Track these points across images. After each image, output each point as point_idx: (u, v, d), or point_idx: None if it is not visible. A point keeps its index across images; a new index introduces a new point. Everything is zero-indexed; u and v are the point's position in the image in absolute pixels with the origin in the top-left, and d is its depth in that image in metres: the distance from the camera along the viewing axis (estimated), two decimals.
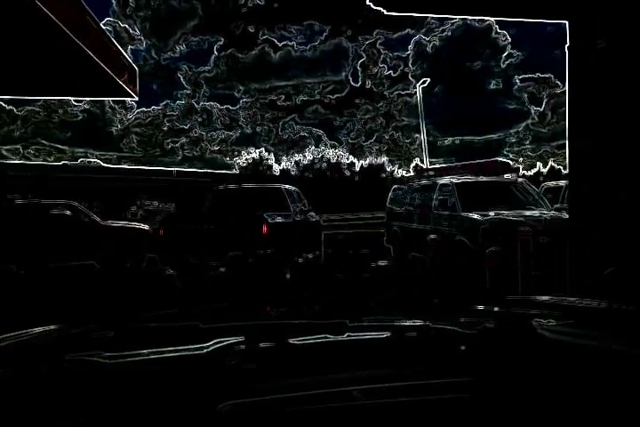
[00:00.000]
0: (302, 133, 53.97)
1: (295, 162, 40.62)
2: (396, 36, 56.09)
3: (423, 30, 54.46)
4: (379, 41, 55.89)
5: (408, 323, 1.59)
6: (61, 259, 8.44)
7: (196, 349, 1.26)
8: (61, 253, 8.87)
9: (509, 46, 52.24)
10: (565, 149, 5.49)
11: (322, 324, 1.53)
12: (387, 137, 52.65)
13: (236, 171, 39.69)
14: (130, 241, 10.87)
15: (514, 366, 1.05)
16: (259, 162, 40.06)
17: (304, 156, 40.73)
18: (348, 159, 39.43)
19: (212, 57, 56.44)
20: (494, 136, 51.03)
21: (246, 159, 40.83)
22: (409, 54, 54.61)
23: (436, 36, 54.09)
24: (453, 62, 50.66)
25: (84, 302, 4.96)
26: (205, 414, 0.87)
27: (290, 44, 55.88)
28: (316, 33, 55.38)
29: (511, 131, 51.94)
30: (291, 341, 1.35)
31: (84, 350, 1.34)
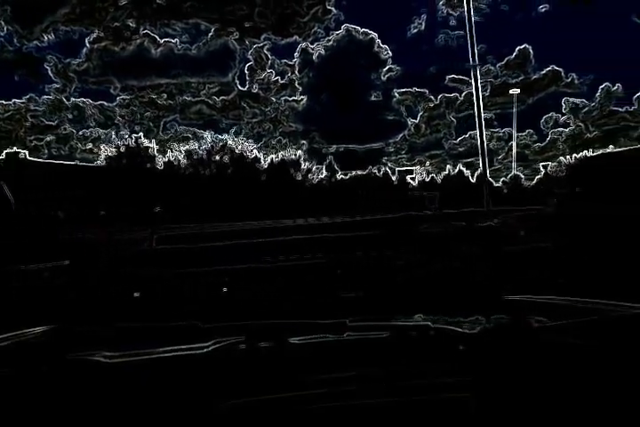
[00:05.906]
0: (186, 134, 50.14)
1: (187, 152, 30.15)
2: (283, 42, 54.96)
3: (310, 39, 53.73)
4: (266, 46, 54.43)
5: (408, 323, 1.58)
6: None
7: (196, 349, 1.26)
8: None
9: (390, 61, 52.98)
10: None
11: (322, 324, 1.53)
12: (274, 142, 50.95)
13: (101, 163, 29.48)
14: None
15: (513, 365, 1.05)
16: (135, 152, 29.52)
17: (200, 144, 29.64)
18: (252, 152, 29.53)
19: (84, 49, 52.62)
20: (375, 145, 52.47)
21: (116, 146, 30.08)
22: (295, 62, 53.78)
23: (321, 44, 53.44)
24: (337, 72, 50.92)
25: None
26: (206, 413, 0.88)
27: (172, 41, 52.57)
28: (201, 32, 53.19)
29: (390, 141, 53.42)
30: (291, 341, 1.35)
31: (84, 350, 1.34)
